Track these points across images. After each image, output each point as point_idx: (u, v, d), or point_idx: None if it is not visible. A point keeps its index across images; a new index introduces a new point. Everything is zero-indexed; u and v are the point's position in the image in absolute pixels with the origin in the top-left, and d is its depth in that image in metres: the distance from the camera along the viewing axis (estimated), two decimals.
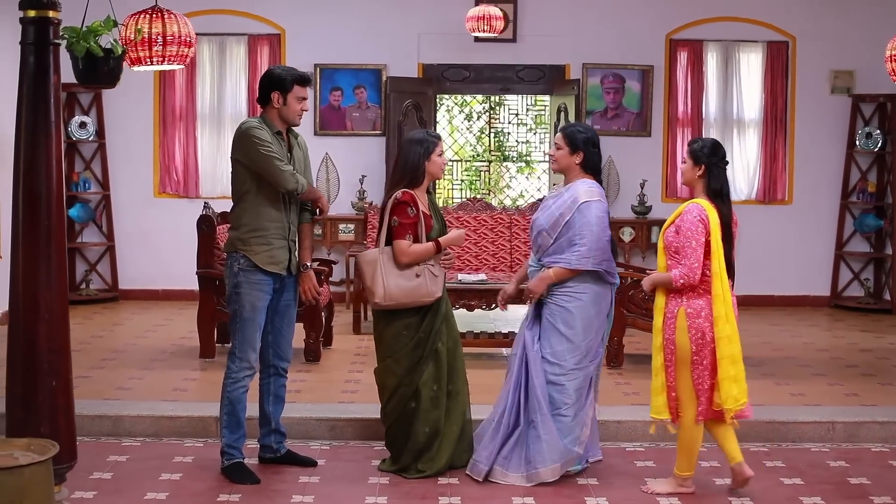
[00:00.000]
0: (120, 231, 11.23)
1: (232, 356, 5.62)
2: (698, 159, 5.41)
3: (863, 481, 5.81)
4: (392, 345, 5.74)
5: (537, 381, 5.59)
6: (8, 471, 4.15)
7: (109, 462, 5.92)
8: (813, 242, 11.39)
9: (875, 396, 7.26)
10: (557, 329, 5.59)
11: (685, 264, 5.25)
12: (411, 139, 5.81)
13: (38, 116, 4.59)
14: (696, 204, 5.34)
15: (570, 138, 5.66)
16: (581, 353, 5.60)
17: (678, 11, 11.28)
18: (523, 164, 15.46)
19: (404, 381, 5.72)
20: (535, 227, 5.70)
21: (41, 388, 4.66)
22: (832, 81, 11.30)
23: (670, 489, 5.51)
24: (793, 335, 9.65)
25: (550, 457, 5.59)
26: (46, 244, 4.64)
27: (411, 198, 5.68)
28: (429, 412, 5.71)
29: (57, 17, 4.58)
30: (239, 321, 5.56)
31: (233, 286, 5.57)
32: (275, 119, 5.57)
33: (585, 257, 5.51)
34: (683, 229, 5.27)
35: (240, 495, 5.42)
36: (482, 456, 5.70)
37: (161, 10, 5.04)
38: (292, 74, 5.54)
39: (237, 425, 5.64)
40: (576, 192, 5.59)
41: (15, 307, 4.70)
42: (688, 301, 5.31)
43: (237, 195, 5.60)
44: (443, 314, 5.76)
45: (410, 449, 5.74)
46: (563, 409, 5.60)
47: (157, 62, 4.97)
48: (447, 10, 11.09)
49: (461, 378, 5.86)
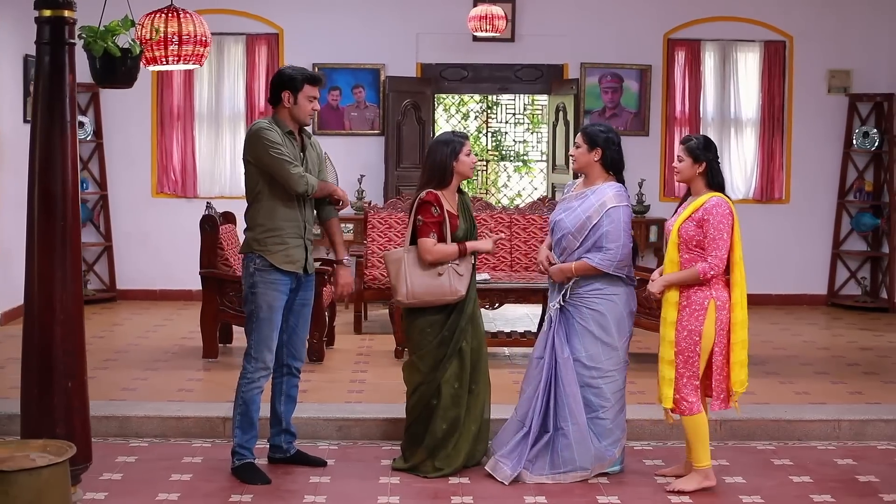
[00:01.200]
0: (118, 231, 11.18)
1: (248, 356, 5.61)
2: (698, 157, 5.47)
3: (871, 479, 5.83)
4: (418, 342, 5.78)
5: (568, 389, 5.59)
6: (26, 472, 4.12)
7: (118, 463, 5.91)
8: (810, 241, 11.42)
9: (879, 394, 7.29)
10: (591, 332, 5.59)
11: (716, 255, 5.30)
12: (438, 140, 5.85)
13: (54, 116, 4.56)
14: (718, 198, 5.40)
15: (588, 136, 5.66)
16: (618, 355, 5.62)
17: (676, 11, 11.30)
18: (520, 163, 15.47)
19: (427, 378, 5.74)
20: (559, 228, 5.68)
21: (57, 390, 4.64)
22: (829, 81, 11.33)
23: (695, 485, 5.52)
24: (792, 334, 9.68)
25: (581, 463, 5.61)
26: (62, 245, 4.63)
27: (435, 198, 5.71)
28: (448, 409, 5.72)
29: (72, 17, 4.56)
30: (256, 321, 5.56)
31: (249, 286, 5.57)
32: (286, 119, 5.57)
33: (611, 261, 5.51)
34: (712, 223, 5.32)
35: (252, 496, 5.42)
36: (508, 460, 5.68)
37: (177, 9, 5.03)
38: (303, 74, 5.55)
39: (250, 425, 5.64)
40: (603, 196, 5.57)
41: (30, 308, 4.68)
42: (716, 293, 5.37)
43: (251, 195, 5.60)
44: (468, 314, 5.77)
45: (427, 445, 5.75)
46: (601, 412, 5.62)
47: (172, 62, 4.96)
48: (445, 10, 11.09)
49: (483, 378, 5.87)
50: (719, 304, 5.37)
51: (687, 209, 5.45)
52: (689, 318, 5.38)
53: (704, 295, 5.37)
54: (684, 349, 5.39)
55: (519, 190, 15.54)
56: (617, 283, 5.59)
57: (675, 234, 5.46)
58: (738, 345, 5.43)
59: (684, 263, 5.42)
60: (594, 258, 5.53)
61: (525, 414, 5.72)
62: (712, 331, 5.38)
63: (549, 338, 5.70)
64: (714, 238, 5.32)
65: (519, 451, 5.67)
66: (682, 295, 5.41)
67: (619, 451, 5.74)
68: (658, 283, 5.49)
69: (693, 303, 5.38)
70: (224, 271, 8.14)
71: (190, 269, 10.21)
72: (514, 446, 5.69)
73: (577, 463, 5.61)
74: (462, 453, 5.77)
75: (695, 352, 5.38)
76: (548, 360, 5.67)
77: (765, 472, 5.94)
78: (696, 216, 5.38)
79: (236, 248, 8.54)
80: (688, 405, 5.41)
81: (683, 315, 5.39)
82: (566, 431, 5.59)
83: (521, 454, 5.66)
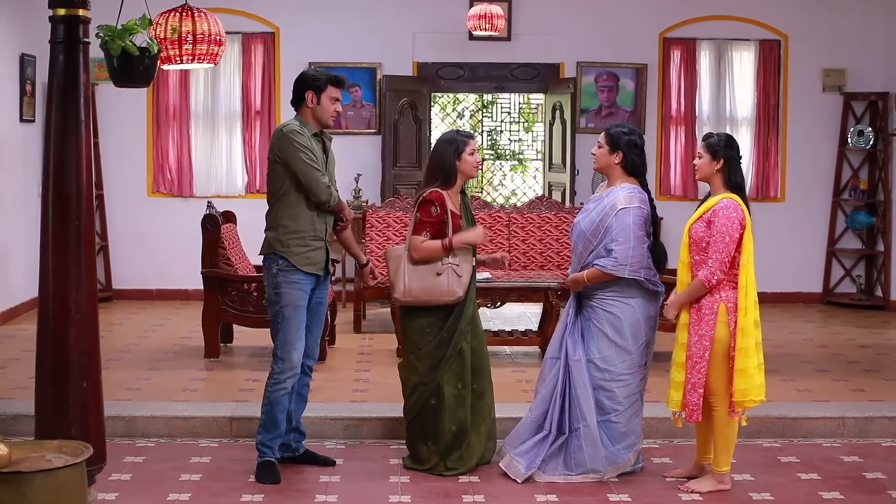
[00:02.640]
0: (113, 231, 11.14)
1: (275, 357, 5.63)
2: (716, 153, 5.42)
3: (878, 476, 5.86)
4: (416, 341, 5.77)
5: (580, 391, 5.59)
6: (43, 473, 4.12)
7: (127, 463, 5.89)
8: (805, 239, 11.47)
9: (881, 392, 7.33)
10: (605, 334, 5.58)
11: (715, 259, 5.26)
12: (442, 139, 5.84)
13: (68, 116, 4.55)
14: (729, 199, 5.35)
15: (611, 138, 5.64)
16: (632, 359, 5.60)
17: (671, 10, 11.33)
18: (516, 162, 15.48)
19: (425, 378, 5.74)
20: (577, 232, 5.68)
21: (72, 390, 4.63)
22: (824, 80, 11.38)
23: (710, 487, 5.52)
24: (790, 332, 9.72)
25: (592, 466, 5.61)
26: (77, 245, 4.61)
27: (438, 196, 5.70)
28: (455, 410, 5.72)
29: (87, 16, 4.54)
30: (281, 321, 5.56)
31: (273, 287, 5.57)
32: (309, 120, 5.59)
33: (622, 264, 5.47)
34: (717, 225, 5.28)
35: (263, 495, 5.41)
36: (523, 459, 5.68)
37: (191, 8, 5.01)
38: (327, 75, 5.58)
39: (273, 425, 5.64)
40: (615, 198, 5.56)
41: (45, 308, 4.66)
42: (726, 295, 5.34)
43: (275, 195, 5.60)
44: (468, 316, 5.77)
45: (439, 448, 5.75)
46: (613, 415, 5.61)
47: (187, 61, 4.95)
48: (442, 9, 11.09)
49: (487, 378, 5.88)
50: (730, 306, 5.33)
51: (700, 209, 5.44)
52: (700, 323, 5.36)
53: (714, 299, 5.34)
54: (694, 354, 5.38)
55: (514, 189, 15.54)
56: (633, 287, 5.54)
57: (686, 234, 5.44)
58: (741, 352, 5.32)
59: (695, 264, 5.41)
60: (603, 263, 5.51)
61: (541, 415, 5.72)
62: (725, 333, 5.33)
63: (564, 339, 5.71)
64: (715, 241, 5.28)
65: (535, 451, 5.67)
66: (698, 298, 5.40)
67: (633, 455, 5.72)
68: (671, 310, 5.48)
69: (703, 307, 5.36)
70: (225, 271, 8.12)
71: (186, 269, 10.21)
72: (531, 446, 5.69)
73: (589, 465, 5.60)
74: (475, 454, 5.78)
75: (703, 357, 5.34)
76: (563, 360, 5.67)
77: (773, 469, 5.96)
78: (706, 217, 5.36)
79: (238, 248, 8.53)
80: (689, 412, 5.41)
81: (694, 320, 5.38)
82: (580, 433, 5.60)
83: (537, 454, 5.66)
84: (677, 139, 11.40)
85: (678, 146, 11.42)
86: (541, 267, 9.40)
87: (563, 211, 9.73)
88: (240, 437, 6.38)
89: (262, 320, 7.93)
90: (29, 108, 10.09)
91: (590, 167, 10.25)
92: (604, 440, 5.61)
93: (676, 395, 5.47)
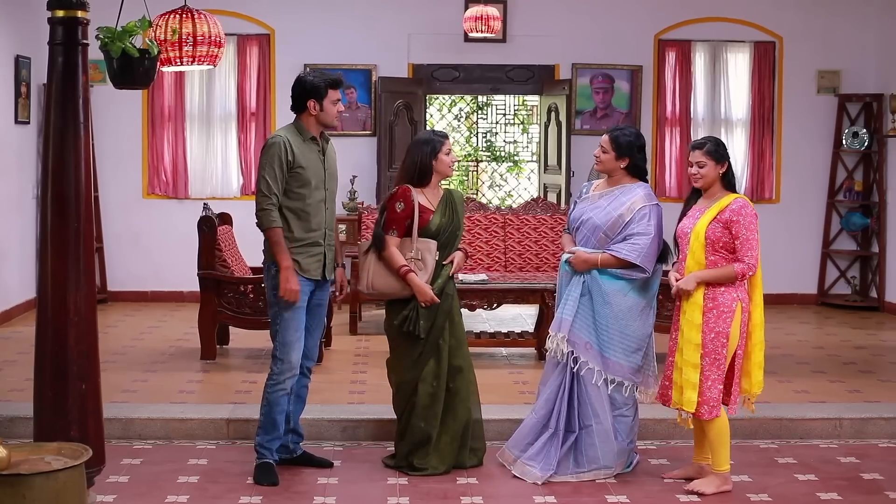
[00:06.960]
0: (108, 233, 11.11)
1: (274, 358, 5.64)
2: (721, 157, 5.49)
3: (876, 477, 5.88)
4: (395, 338, 5.83)
5: (591, 389, 5.62)
6: (43, 475, 4.11)
7: (124, 465, 5.88)
8: (800, 241, 11.49)
9: (878, 393, 7.35)
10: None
11: (752, 256, 5.34)
12: (418, 140, 5.91)
13: (67, 117, 4.54)
14: (742, 199, 5.44)
15: (616, 143, 5.70)
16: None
17: (666, 12, 11.35)
18: (511, 163, 15.49)
19: (406, 376, 5.79)
20: (587, 226, 5.70)
21: (71, 392, 4.62)
22: (818, 81, 11.41)
23: (714, 488, 5.53)
24: (786, 333, 9.74)
25: (605, 462, 5.65)
26: (75, 246, 4.60)
27: (403, 192, 5.76)
28: (427, 408, 5.76)
29: (86, 17, 4.53)
30: (280, 322, 5.57)
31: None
32: (310, 125, 5.61)
33: (637, 251, 5.57)
34: (743, 224, 5.34)
35: (261, 497, 5.41)
36: (536, 462, 5.69)
37: (191, 10, 5.00)
38: (325, 80, 5.59)
39: (272, 427, 5.64)
40: (634, 196, 5.65)
41: (44, 310, 4.65)
42: (741, 294, 5.40)
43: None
44: (445, 311, 5.79)
45: (407, 442, 5.80)
46: (625, 409, 5.68)
47: (186, 62, 4.94)
48: (437, 11, 11.10)
49: (464, 377, 5.86)
50: (744, 305, 5.41)
51: (710, 211, 5.43)
52: (717, 321, 5.38)
53: (732, 297, 5.37)
54: (711, 351, 5.39)
55: (509, 190, 15.55)
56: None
57: (702, 236, 5.41)
58: (758, 346, 5.49)
59: (709, 266, 5.43)
60: (622, 249, 5.58)
61: (546, 415, 5.73)
62: (737, 333, 5.41)
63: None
64: (747, 239, 5.34)
65: (546, 452, 5.69)
66: (707, 297, 5.39)
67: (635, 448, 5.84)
68: (691, 280, 5.41)
69: (721, 304, 5.37)
70: (222, 272, 8.11)
71: (181, 271, 10.20)
72: (541, 447, 5.71)
73: (601, 462, 5.64)
74: (446, 454, 5.78)
75: (721, 354, 5.38)
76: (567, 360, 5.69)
77: (770, 470, 5.97)
78: (723, 217, 5.38)
79: (234, 249, 8.53)
80: (708, 409, 5.40)
81: (710, 317, 5.38)
82: (591, 430, 5.63)
83: (550, 455, 5.67)
84: (672, 141, 11.42)
85: (673, 148, 11.44)
86: (536, 269, 9.39)
87: (558, 212, 9.72)
88: (237, 438, 6.37)
89: (259, 322, 7.95)
90: (24, 110, 10.07)
91: (585, 169, 10.33)
92: (616, 435, 5.67)
93: (692, 395, 5.42)
